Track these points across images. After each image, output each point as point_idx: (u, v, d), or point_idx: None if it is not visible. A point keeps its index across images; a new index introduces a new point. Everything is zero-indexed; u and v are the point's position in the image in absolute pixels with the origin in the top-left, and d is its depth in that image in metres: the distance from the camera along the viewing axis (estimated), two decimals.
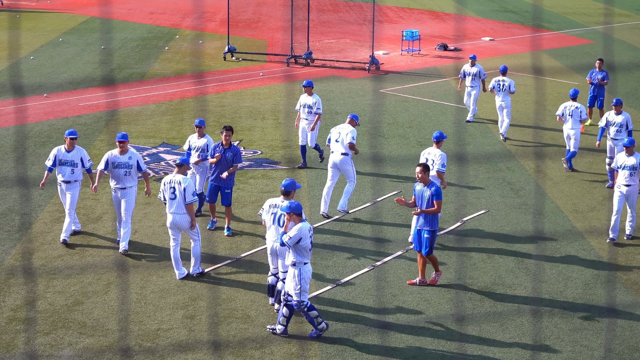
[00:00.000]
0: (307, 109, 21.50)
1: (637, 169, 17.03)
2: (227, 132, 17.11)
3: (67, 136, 16.88)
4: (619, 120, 20.42)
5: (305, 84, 21.69)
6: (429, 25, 49.61)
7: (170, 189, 15.03)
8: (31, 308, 14.08)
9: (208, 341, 13.21)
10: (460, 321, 13.91)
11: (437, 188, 14.87)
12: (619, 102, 20.60)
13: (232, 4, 41.64)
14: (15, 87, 31.01)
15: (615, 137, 20.48)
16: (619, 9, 60.11)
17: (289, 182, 13.72)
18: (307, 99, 21.59)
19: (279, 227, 13.62)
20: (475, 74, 26.23)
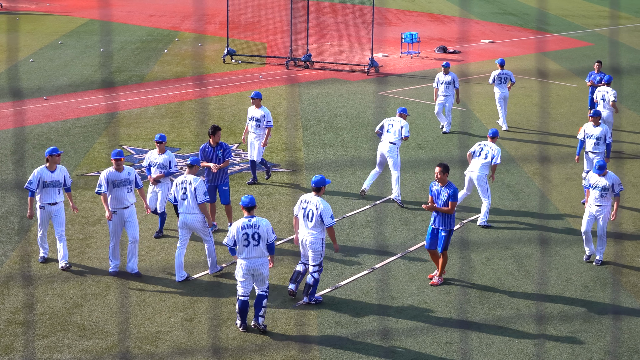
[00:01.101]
0: (255, 122, 19.99)
1: (608, 190, 16.00)
2: (218, 132, 17.40)
3: (52, 154, 15.44)
4: (596, 133, 19.40)
5: (253, 96, 20.17)
6: (428, 27, 49.63)
7: (182, 189, 15.18)
8: (30, 311, 14.08)
9: (207, 344, 13.20)
10: (459, 324, 13.90)
11: (455, 189, 15.07)
12: (597, 114, 19.58)
13: (232, 6, 41.66)
14: (14, 89, 31.01)
15: (593, 151, 19.46)
16: (618, 12, 60.13)
17: (320, 178, 14.35)
18: (255, 111, 20.06)
19: (309, 221, 14.12)
20: (449, 82, 25.09)
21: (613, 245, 17.33)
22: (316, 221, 14.10)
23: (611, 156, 21.26)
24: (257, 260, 13.38)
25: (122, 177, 15.31)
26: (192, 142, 24.23)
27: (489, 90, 31.86)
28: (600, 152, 19.40)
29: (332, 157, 23.16)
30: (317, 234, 14.17)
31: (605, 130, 19.41)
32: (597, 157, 19.28)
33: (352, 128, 26.18)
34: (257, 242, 13.32)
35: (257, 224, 13.36)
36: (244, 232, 13.28)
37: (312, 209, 14.16)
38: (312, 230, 14.18)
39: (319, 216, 14.04)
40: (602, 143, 19.42)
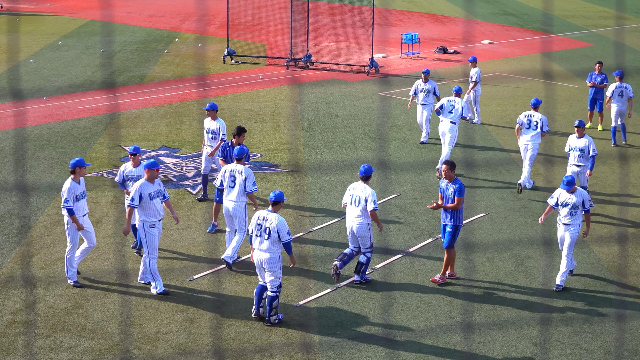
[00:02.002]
0: (211, 134, 19.04)
1: (579, 207, 15.14)
2: (243, 134, 17.49)
3: (83, 166, 14.89)
4: (580, 145, 18.46)
5: (208, 107, 19.17)
6: (428, 28, 49.64)
7: (231, 177, 15.72)
8: (31, 311, 14.08)
9: (207, 344, 13.20)
10: (460, 324, 13.90)
11: (461, 185, 15.16)
12: (582, 124, 18.56)
13: (232, 7, 41.66)
14: (14, 90, 31.02)
15: (577, 164, 18.54)
16: (618, 12, 60.14)
17: (367, 167, 15.28)
18: (210, 123, 19.07)
19: (355, 207, 15.01)
20: (429, 91, 23.92)
21: (614, 246, 17.33)
22: (362, 207, 14.91)
23: (612, 157, 21.24)
24: (264, 253, 13.60)
25: (153, 190, 14.65)
26: (192, 142, 24.23)
27: (489, 90, 31.86)
28: (585, 165, 18.51)
29: (332, 157, 23.16)
30: (362, 219, 14.99)
31: (589, 142, 18.45)
32: (581, 171, 18.51)
33: (352, 129, 26.19)
34: (267, 236, 13.53)
35: (271, 220, 13.56)
36: (258, 222, 13.68)
37: (359, 194, 14.99)
38: (358, 216, 15.01)
39: (365, 201, 14.86)
40: (586, 155, 18.48)
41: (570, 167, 18.70)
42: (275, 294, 13.65)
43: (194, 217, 18.43)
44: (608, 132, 26.12)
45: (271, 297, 13.67)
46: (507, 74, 35.43)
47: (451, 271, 15.60)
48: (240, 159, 15.92)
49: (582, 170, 18.54)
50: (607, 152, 24.02)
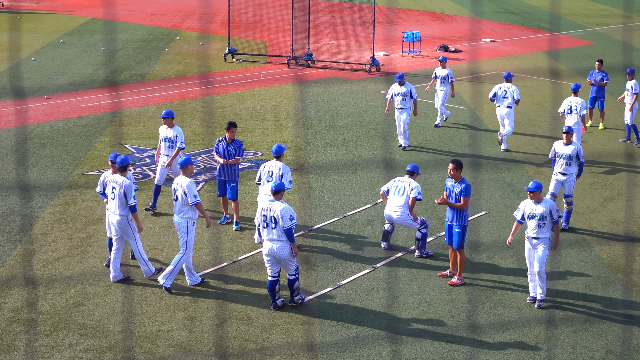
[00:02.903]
0: (167, 143, 18.22)
1: (547, 218, 14.29)
2: (233, 128, 17.62)
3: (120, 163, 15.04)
4: (567, 152, 17.50)
5: (164, 115, 18.25)
6: (429, 26, 49.62)
7: (269, 172, 16.41)
8: (32, 309, 14.08)
9: (208, 343, 13.21)
10: (461, 323, 13.90)
11: (467, 185, 15.15)
12: (570, 130, 17.68)
13: (233, 5, 41.64)
14: (15, 88, 31.03)
15: (563, 172, 17.60)
16: (619, 10, 60.09)
17: (414, 166, 16.56)
18: (167, 131, 18.23)
19: (399, 196, 16.15)
20: (405, 94, 23.27)
21: (615, 244, 17.33)
22: (406, 197, 16.14)
23: (613, 155, 21.22)
24: (274, 243, 13.84)
25: None
26: (193, 140, 24.23)
27: (488, 90, 31.89)
28: (571, 173, 17.61)
29: (333, 156, 23.15)
30: (403, 208, 16.16)
31: (578, 149, 17.54)
32: (567, 180, 17.62)
33: (354, 127, 26.18)
34: (274, 225, 13.79)
35: (274, 208, 13.80)
36: (263, 214, 13.93)
37: (405, 186, 16.24)
38: (399, 206, 16.18)
39: (410, 191, 16.16)
40: (574, 164, 17.55)
41: (555, 175, 17.72)
42: (294, 276, 14.08)
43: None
44: (608, 130, 26.12)
45: (291, 280, 14.11)
46: None
47: (452, 269, 15.60)
48: (279, 156, 16.60)
49: (568, 179, 17.59)
50: (608, 150, 24.01)
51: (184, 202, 14.75)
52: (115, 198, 14.81)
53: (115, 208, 14.86)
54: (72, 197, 19.40)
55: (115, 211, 14.87)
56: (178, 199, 14.80)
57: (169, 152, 18.20)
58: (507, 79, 23.85)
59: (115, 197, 14.81)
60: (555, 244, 14.51)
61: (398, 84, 23.45)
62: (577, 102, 22.47)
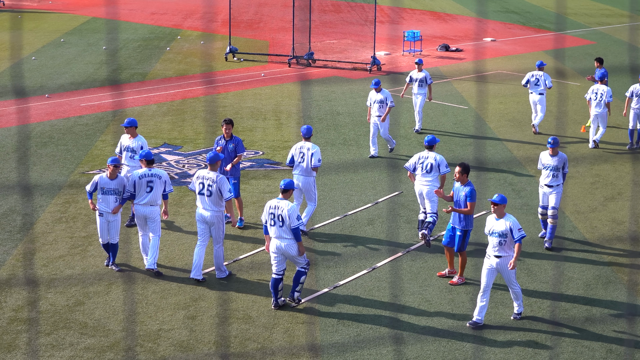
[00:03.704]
0: (130, 152, 17.29)
1: (507, 236, 13.57)
2: (227, 125, 17.54)
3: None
4: (553, 163, 16.77)
5: (126, 124, 17.45)
6: (430, 25, 49.61)
7: (300, 153, 17.22)
8: (32, 308, 14.09)
9: (209, 342, 13.21)
10: (461, 322, 13.90)
11: (472, 190, 15.05)
12: (555, 143, 16.85)
13: (234, 4, 41.64)
14: (16, 87, 31.04)
15: (549, 184, 16.83)
16: (620, 10, 60.07)
17: (432, 137, 16.86)
18: (129, 141, 17.35)
19: (427, 172, 16.66)
20: (382, 101, 22.48)
21: (616, 244, 17.33)
22: (434, 171, 16.62)
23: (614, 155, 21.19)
24: (282, 241, 13.88)
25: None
26: (194, 139, 24.24)
27: (491, 88, 31.86)
28: (558, 185, 16.85)
29: (334, 155, 23.15)
30: (432, 182, 16.57)
31: (564, 160, 16.85)
32: (553, 192, 16.85)
33: (354, 126, 26.17)
34: (281, 223, 13.83)
35: (282, 207, 13.86)
36: (271, 212, 13.95)
37: (431, 162, 16.66)
38: (429, 181, 16.58)
39: (437, 166, 16.62)
40: (560, 175, 16.83)
41: (542, 187, 17.00)
42: (304, 269, 14.11)
43: (195, 214, 18.40)
44: (609, 129, 26.10)
45: (299, 272, 14.16)
46: (509, 72, 35.41)
47: (451, 268, 15.60)
48: (308, 137, 17.38)
49: (554, 190, 16.83)
50: (609, 150, 24.00)
51: (218, 197, 15.04)
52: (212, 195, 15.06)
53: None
54: (73, 196, 19.40)
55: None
56: (212, 194, 15.01)
57: (131, 162, 17.08)
58: (540, 67, 25.13)
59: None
60: (513, 263, 13.52)
61: (375, 91, 22.60)
62: (603, 90, 23.39)
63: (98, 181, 15.21)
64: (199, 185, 15.15)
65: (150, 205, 15.34)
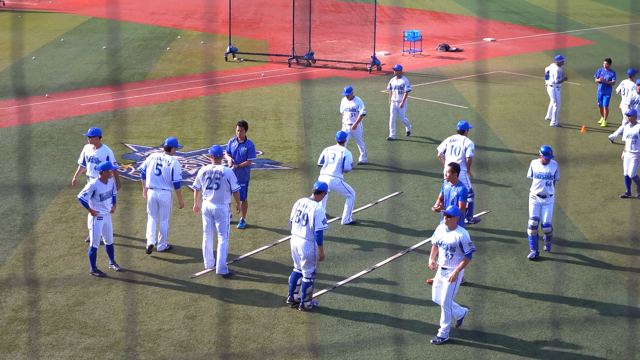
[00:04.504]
0: (94, 163, 16.45)
1: (455, 250, 13.06)
2: (240, 128, 17.47)
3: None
4: (546, 171, 16.21)
5: (90, 134, 16.58)
6: (430, 26, 49.61)
7: (332, 154, 17.85)
8: (32, 308, 14.09)
9: (209, 342, 13.21)
10: (461, 322, 13.89)
11: (464, 189, 14.96)
12: (548, 152, 16.28)
13: (234, 4, 41.64)
14: (17, 87, 31.03)
15: (542, 194, 16.24)
16: (620, 10, 60.07)
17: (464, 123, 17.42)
18: (93, 151, 16.56)
19: (455, 156, 17.15)
20: (354, 109, 21.85)
21: (616, 244, 17.33)
22: (462, 155, 17.26)
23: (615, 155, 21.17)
24: (299, 239, 13.97)
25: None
26: (194, 139, 24.24)
27: (491, 88, 31.85)
28: (551, 195, 16.28)
29: None
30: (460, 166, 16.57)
31: (556, 169, 16.30)
32: (545, 203, 16.24)
33: None
34: (305, 222, 13.85)
35: (310, 207, 13.89)
36: (298, 209, 14.02)
37: (460, 145, 17.37)
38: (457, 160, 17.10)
39: (464, 150, 17.31)
40: (552, 185, 16.27)
41: (533, 198, 16.36)
42: (309, 280, 14.01)
43: (195, 214, 18.42)
44: (611, 128, 26.11)
45: (305, 284, 14.03)
46: (510, 72, 35.42)
47: None
48: (342, 141, 18.04)
49: (547, 202, 16.24)
50: (610, 150, 24.00)
51: (226, 189, 15.32)
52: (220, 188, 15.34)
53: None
54: (73, 196, 19.39)
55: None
56: (220, 187, 15.25)
57: (95, 174, 16.11)
58: (559, 61, 26.49)
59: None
60: (454, 276, 13.01)
61: (347, 98, 21.98)
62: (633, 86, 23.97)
63: (96, 188, 15.08)
64: (206, 181, 15.36)
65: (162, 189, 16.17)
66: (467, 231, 13.27)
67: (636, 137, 19.48)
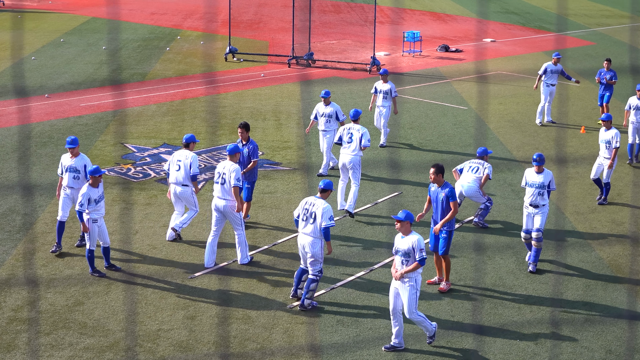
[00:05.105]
0: (73, 173, 16.04)
1: (409, 255, 12.72)
2: (241, 129, 17.61)
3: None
4: (539, 180, 15.70)
5: (73, 145, 16.07)
6: (430, 26, 49.62)
7: (349, 133, 18.48)
8: (32, 308, 14.09)
9: (209, 342, 13.21)
10: (460, 322, 13.90)
11: (452, 189, 14.75)
12: (541, 160, 15.85)
13: (234, 4, 41.64)
14: (16, 87, 31.03)
15: (535, 204, 15.74)
16: (619, 11, 60.09)
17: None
18: (70, 160, 16.12)
19: (473, 173, 17.60)
20: (330, 115, 21.13)
21: (615, 244, 17.34)
22: (479, 175, 17.58)
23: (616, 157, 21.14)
24: (306, 237, 14.07)
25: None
26: None
27: (491, 89, 31.88)
28: (544, 205, 15.79)
29: (333, 155, 23.13)
30: (474, 182, 17.56)
31: (550, 177, 15.79)
32: (538, 212, 15.77)
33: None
34: (312, 220, 13.95)
35: (317, 205, 14.03)
36: (305, 207, 14.12)
37: (479, 166, 17.69)
38: (471, 180, 17.55)
39: (483, 170, 17.66)
40: (546, 194, 15.75)
41: (526, 208, 15.88)
42: (315, 277, 14.14)
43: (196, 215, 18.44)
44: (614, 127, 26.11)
45: (311, 280, 14.13)
46: (509, 73, 35.43)
47: (440, 275, 15.24)
48: (356, 119, 18.90)
49: (540, 211, 15.76)
50: None
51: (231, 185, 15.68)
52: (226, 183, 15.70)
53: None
54: None
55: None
56: (226, 182, 15.62)
57: (75, 184, 15.96)
58: (556, 57, 26.41)
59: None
60: (400, 275, 12.71)
61: (323, 103, 21.29)
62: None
63: (89, 195, 15.04)
64: (216, 175, 15.84)
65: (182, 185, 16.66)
66: (421, 237, 12.83)
67: (609, 142, 19.27)
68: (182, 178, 16.58)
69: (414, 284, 12.75)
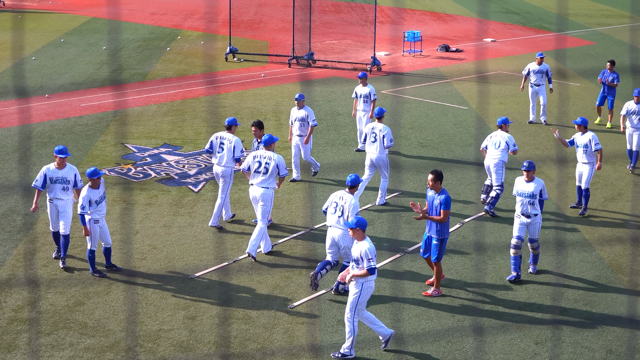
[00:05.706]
0: (62, 184, 15.63)
1: (359, 262, 12.57)
2: (255, 127, 18.09)
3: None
4: (529, 190, 15.33)
5: (60, 154, 15.63)
6: (430, 26, 49.62)
7: (372, 133, 18.87)
8: (32, 309, 14.10)
9: (209, 342, 13.22)
10: (461, 322, 13.90)
11: (447, 197, 14.58)
12: (531, 166, 15.46)
13: (234, 4, 41.65)
14: (17, 87, 31.04)
15: (527, 214, 15.35)
16: (620, 10, 60.09)
17: (504, 118, 18.69)
18: (59, 172, 15.72)
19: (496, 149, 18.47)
20: (304, 119, 20.71)
21: (616, 244, 17.34)
22: (502, 149, 18.43)
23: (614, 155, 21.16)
24: (337, 230, 14.47)
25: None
26: (194, 140, 24.24)
27: (491, 89, 31.87)
28: (536, 214, 15.41)
29: (334, 155, 23.15)
30: (500, 158, 18.46)
31: (541, 187, 15.40)
32: (531, 223, 15.41)
33: (354, 127, 26.12)
34: (341, 213, 14.38)
35: (346, 199, 14.44)
36: (335, 200, 14.56)
37: (499, 140, 18.53)
38: (496, 156, 18.45)
39: (506, 144, 18.49)
40: (537, 203, 15.34)
41: (518, 217, 15.50)
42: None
43: (195, 214, 18.45)
44: (614, 130, 26.11)
45: (345, 266, 14.44)
46: (510, 72, 35.42)
47: (436, 288, 15.05)
48: (380, 117, 19.24)
49: (532, 221, 15.38)
50: (610, 150, 23.97)
51: (274, 173, 16.22)
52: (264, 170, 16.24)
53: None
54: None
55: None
56: (268, 171, 16.10)
57: (63, 195, 15.59)
58: (540, 57, 26.38)
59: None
60: (349, 279, 12.66)
61: (297, 107, 20.69)
62: None
63: (90, 197, 15.03)
64: (256, 164, 16.20)
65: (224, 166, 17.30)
66: (373, 246, 12.59)
67: (587, 146, 18.87)
68: (227, 159, 17.22)
69: (360, 290, 12.56)
